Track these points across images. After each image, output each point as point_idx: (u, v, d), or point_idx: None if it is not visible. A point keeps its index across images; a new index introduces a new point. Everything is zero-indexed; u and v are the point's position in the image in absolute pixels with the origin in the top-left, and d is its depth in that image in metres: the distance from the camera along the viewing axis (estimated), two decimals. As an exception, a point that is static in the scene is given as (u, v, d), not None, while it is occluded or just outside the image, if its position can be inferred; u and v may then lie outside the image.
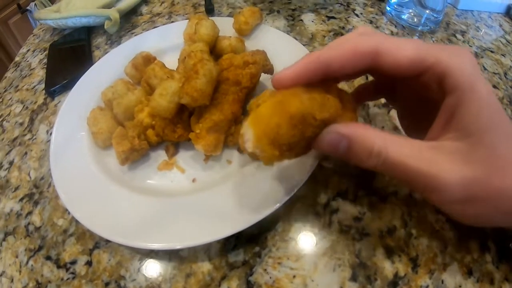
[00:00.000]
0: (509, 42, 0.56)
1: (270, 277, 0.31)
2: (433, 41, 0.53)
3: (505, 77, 0.50)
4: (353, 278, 0.30)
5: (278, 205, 0.31)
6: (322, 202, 0.35)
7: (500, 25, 0.59)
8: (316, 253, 0.32)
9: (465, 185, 0.22)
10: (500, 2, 0.60)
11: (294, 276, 0.31)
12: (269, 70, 0.39)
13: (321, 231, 0.33)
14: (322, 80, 0.26)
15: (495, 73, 0.50)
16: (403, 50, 0.24)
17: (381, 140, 0.23)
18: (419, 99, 0.28)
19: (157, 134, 0.37)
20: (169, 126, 0.36)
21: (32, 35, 0.65)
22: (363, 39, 0.25)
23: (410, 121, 0.33)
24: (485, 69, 0.51)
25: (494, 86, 0.48)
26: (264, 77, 0.41)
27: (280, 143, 0.24)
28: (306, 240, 0.33)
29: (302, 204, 0.35)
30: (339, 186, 0.35)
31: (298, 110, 0.23)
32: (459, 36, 0.55)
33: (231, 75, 0.36)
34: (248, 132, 0.24)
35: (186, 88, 0.32)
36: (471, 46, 0.54)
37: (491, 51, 0.54)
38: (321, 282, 0.30)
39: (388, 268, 0.31)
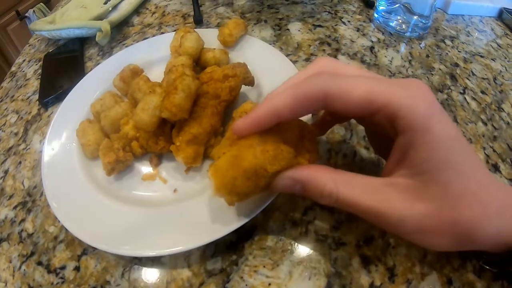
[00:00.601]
0: (500, 46, 0.57)
1: (246, 285, 0.32)
2: (421, 48, 0.54)
3: (494, 82, 0.51)
4: (328, 287, 0.31)
5: (255, 214, 0.33)
6: (299, 211, 0.36)
7: (492, 29, 0.60)
8: (291, 262, 0.33)
9: (417, 221, 0.23)
10: (492, 6, 0.61)
11: (269, 284, 0.32)
12: (250, 82, 0.42)
13: (297, 240, 0.34)
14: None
15: (483, 78, 0.51)
16: (352, 93, 0.24)
17: (332, 182, 0.25)
18: (379, 132, 0.29)
19: (141, 146, 0.39)
20: (152, 138, 0.38)
21: (28, 45, 0.69)
22: (313, 82, 0.25)
23: (376, 141, 0.34)
24: (473, 74, 0.51)
25: (483, 92, 0.49)
26: (245, 89, 0.43)
27: (237, 191, 0.27)
28: (282, 248, 0.34)
29: (279, 212, 0.36)
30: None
31: (250, 165, 0.26)
32: (448, 42, 0.56)
33: (210, 88, 0.38)
34: (211, 182, 0.27)
35: (165, 103, 0.35)
36: (459, 52, 0.55)
37: (481, 56, 0.55)
38: (296, 290, 0.32)
39: (364, 277, 0.31)
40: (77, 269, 0.36)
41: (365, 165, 0.40)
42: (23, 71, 0.62)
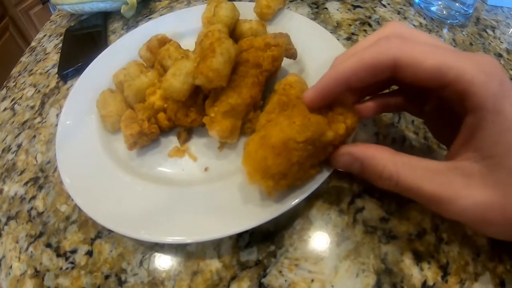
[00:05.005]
0: (540, 42, 0.50)
1: (286, 280, 0.27)
2: (464, 35, 0.47)
3: (538, 76, 0.44)
4: (378, 285, 0.26)
5: (298, 200, 0.27)
6: (346, 199, 0.30)
7: (531, 24, 0.53)
8: (337, 256, 0.27)
9: (480, 210, 0.20)
10: (532, 0, 0.54)
11: (312, 280, 0.26)
12: (293, 54, 0.35)
13: (344, 231, 0.29)
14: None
15: (527, 72, 0.45)
16: (424, 63, 0.21)
17: (392, 163, 0.23)
18: (446, 109, 0.26)
19: (169, 118, 0.32)
20: (181, 109, 0.31)
21: (49, 21, 0.63)
22: (383, 48, 0.22)
23: (440, 130, 0.30)
24: (516, 67, 0.45)
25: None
26: (286, 64, 0.36)
27: (270, 173, 0.24)
28: (327, 240, 0.28)
29: (324, 200, 0.30)
30: (365, 182, 0.30)
31: (278, 139, 0.24)
32: (489, 32, 0.50)
33: (251, 56, 0.31)
34: (244, 171, 0.25)
35: (201, 68, 0.28)
36: (501, 43, 0.48)
37: (523, 49, 0.48)
38: (342, 289, 0.26)
39: (416, 275, 0.26)
40: (89, 253, 0.31)
41: (415, 152, 0.34)
42: (43, 46, 0.56)
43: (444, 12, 0.49)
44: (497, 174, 0.20)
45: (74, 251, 0.31)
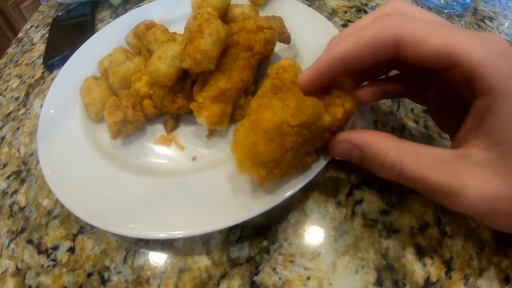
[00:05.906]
0: (537, 34, 0.48)
1: (280, 278, 0.24)
2: (462, 25, 0.45)
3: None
4: (378, 283, 0.24)
5: (292, 191, 0.25)
6: (344, 190, 0.28)
7: (528, 16, 0.51)
8: (335, 251, 0.25)
9: (489, 202, 0.19)
10: (530, -8, 0.52)
11: (308, 278, 0.24)
12: (286, 38, 0.32)
13: (342, 225, 0.26)
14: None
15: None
16: (428, 41, 0.19)
17: (395, 151, 0.21)
18: (450, 95, 0.24)
19: (155, 106, 0.30)
20: (168, 96, 0.29)
21: (37, 11, 0.60)
22: (383, 25, 0.21)
23: (443, 117, 0.27)
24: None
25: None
26: (279, 49, 0.34)
27: (262, 161, 0.22)
28: (324, 235, 0.26)
29: (320, 191, 0.28)
30: (365, 172, 0.28)
31: (270, 123, 0.22)
32: (488, 22, 0.47)
33: (242, 39, 0.28)
34: (234, 159, 0.22)
35: (188, 49, 0.25)
36: (500, 33, 0.46)
37: (521, 40, 0.46)
38: (341, 286, 0.24)
39: (418, 271, 0.24)
40: (71, 250, 0.28)
41: (415, 141, 0.31)
42: (30, 37, 0.54)
43: (442, 2, 0.47)
44: (509, 162, 0.18)
45: (55, 248, 0.29)
